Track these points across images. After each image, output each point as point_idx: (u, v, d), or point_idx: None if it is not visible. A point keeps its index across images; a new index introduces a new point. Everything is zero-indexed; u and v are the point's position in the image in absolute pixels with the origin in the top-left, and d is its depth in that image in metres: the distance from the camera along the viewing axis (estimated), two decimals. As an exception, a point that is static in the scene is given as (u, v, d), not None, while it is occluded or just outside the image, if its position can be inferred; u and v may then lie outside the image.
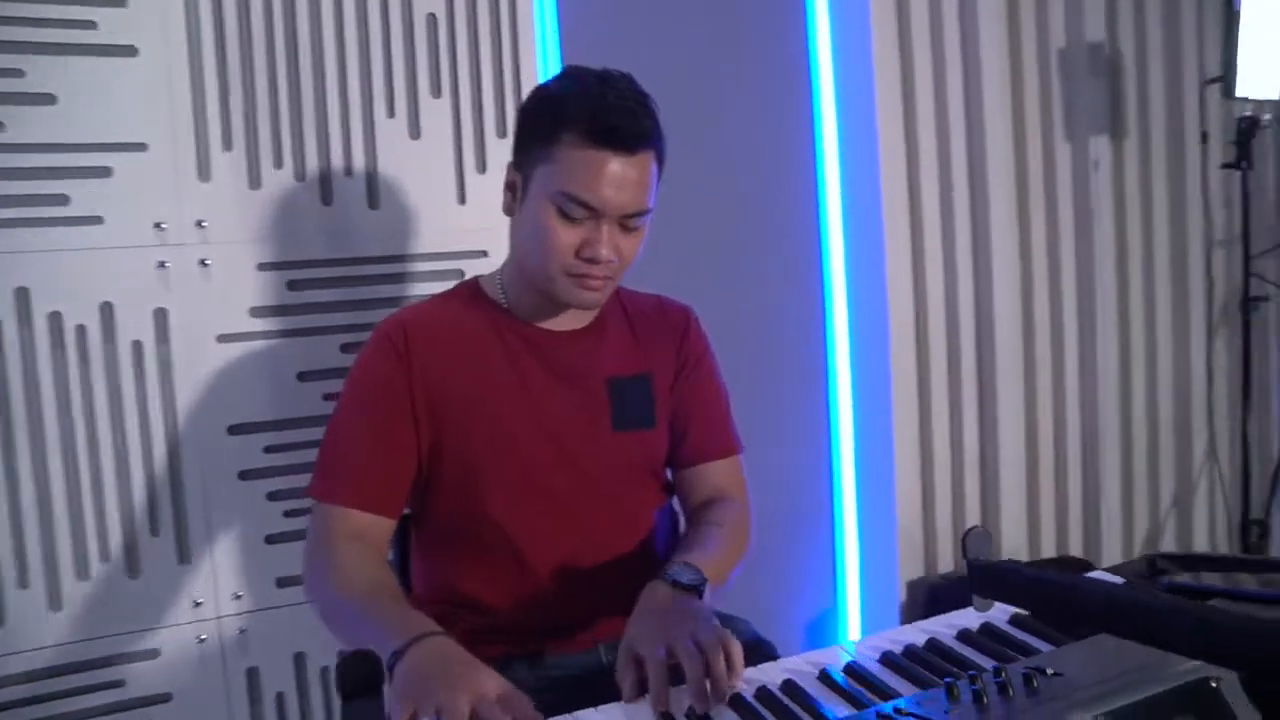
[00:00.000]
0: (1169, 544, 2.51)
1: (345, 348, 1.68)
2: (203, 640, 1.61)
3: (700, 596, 1.08)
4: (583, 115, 1.12)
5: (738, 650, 0.95)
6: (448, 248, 1.76)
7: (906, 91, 2.13)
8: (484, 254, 1.78)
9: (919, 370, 2.19)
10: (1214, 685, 0.91)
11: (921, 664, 1.05)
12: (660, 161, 1.19)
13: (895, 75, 2.11)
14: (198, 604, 1.60)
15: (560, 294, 1.20)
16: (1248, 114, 2.28)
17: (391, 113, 1.71)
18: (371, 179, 1.70)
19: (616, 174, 1.13)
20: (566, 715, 0.96)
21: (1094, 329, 2.37)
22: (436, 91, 1.74)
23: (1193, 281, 2.52)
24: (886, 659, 1.07)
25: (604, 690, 0.99)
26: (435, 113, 1.74)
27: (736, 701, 0.94)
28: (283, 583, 1.66)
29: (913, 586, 2.17)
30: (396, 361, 1.21)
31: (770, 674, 1.03)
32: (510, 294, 1.28)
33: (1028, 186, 2.29)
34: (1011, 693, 0.89)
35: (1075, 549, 2.36)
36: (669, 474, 1.38)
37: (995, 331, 2.24)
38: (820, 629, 2.18)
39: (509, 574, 1.24)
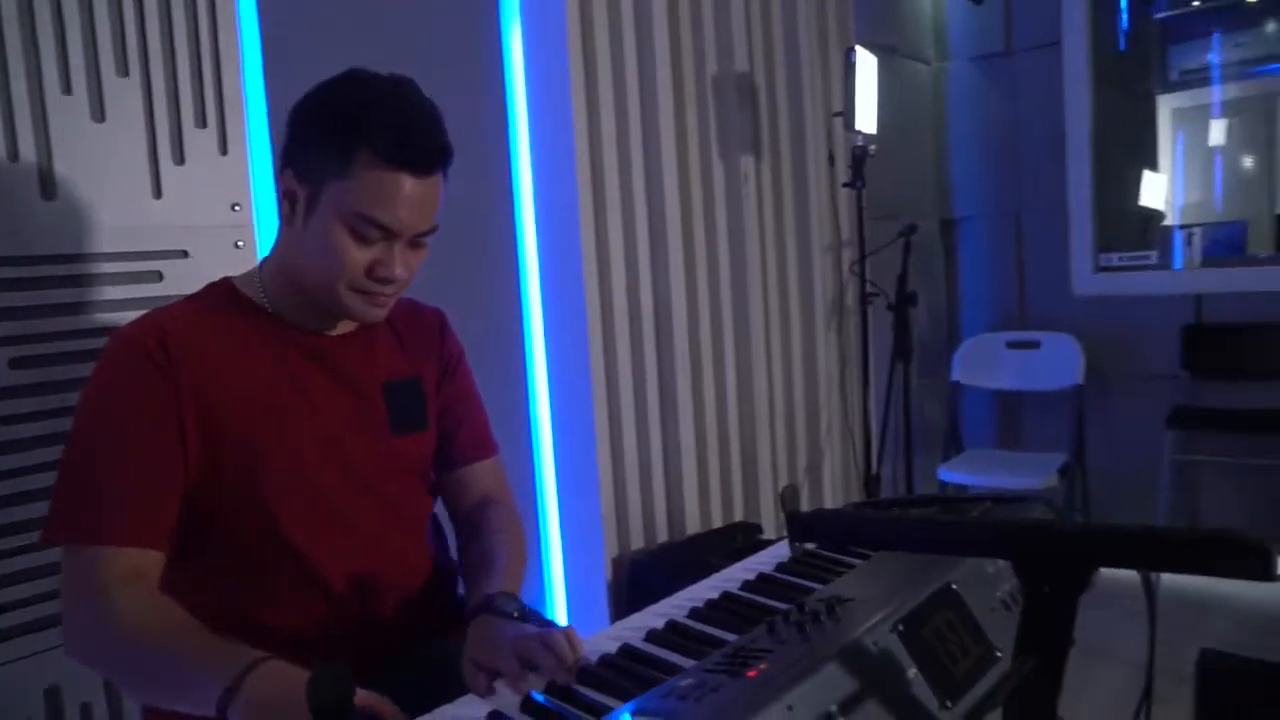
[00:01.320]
0: (806, 502, 2.98)
1: (15, 363, 1.47)
2: None
3: (527, 621, 1.11)
4: (384, 134, 1.10)
5: (578, 637, 1.02)
6: (140, 247, 1.60)
7: (592, 112, 2.31)
8: (185, 254, 1.65)
9: (608, 368, 2.38)
10: (954, 587, 1.18)
11: (730, 614, 1.21)
12: (447, 177, 1.20)
13: (583, 100, 2.29)
14: None
15: (345, 310, 1.19)
16: (860, 143, 2.78)
17: (68, 89, 1.52)
18: (44, 165, 1.50)
19: (414, 196, 1.13)
20: (426, 716, 0.99)
21: (747, 323, 2.74)
22: (123, 69, 1.58)
23: (816, 280, 3.00)
24: (695, 614, 1.22)
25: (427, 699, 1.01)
26: (122, 93, 1.58)
27: (589, 675, 1.02)
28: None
29: (615, 564, 2.36)
30: (157, 376, 1.11)
31: (601, 644, 1.13)
32: (275, 299, 1.23)
33: (691, 200, 2.58)
34: (822, 619, 1.08)
35: (739, 516, 2.71)
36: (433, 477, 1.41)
37: (672, 328, 2.50)
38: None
39: (303, 594, 1.19)
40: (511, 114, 2.29)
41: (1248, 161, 5.49)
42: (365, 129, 1.10)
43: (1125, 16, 4.87)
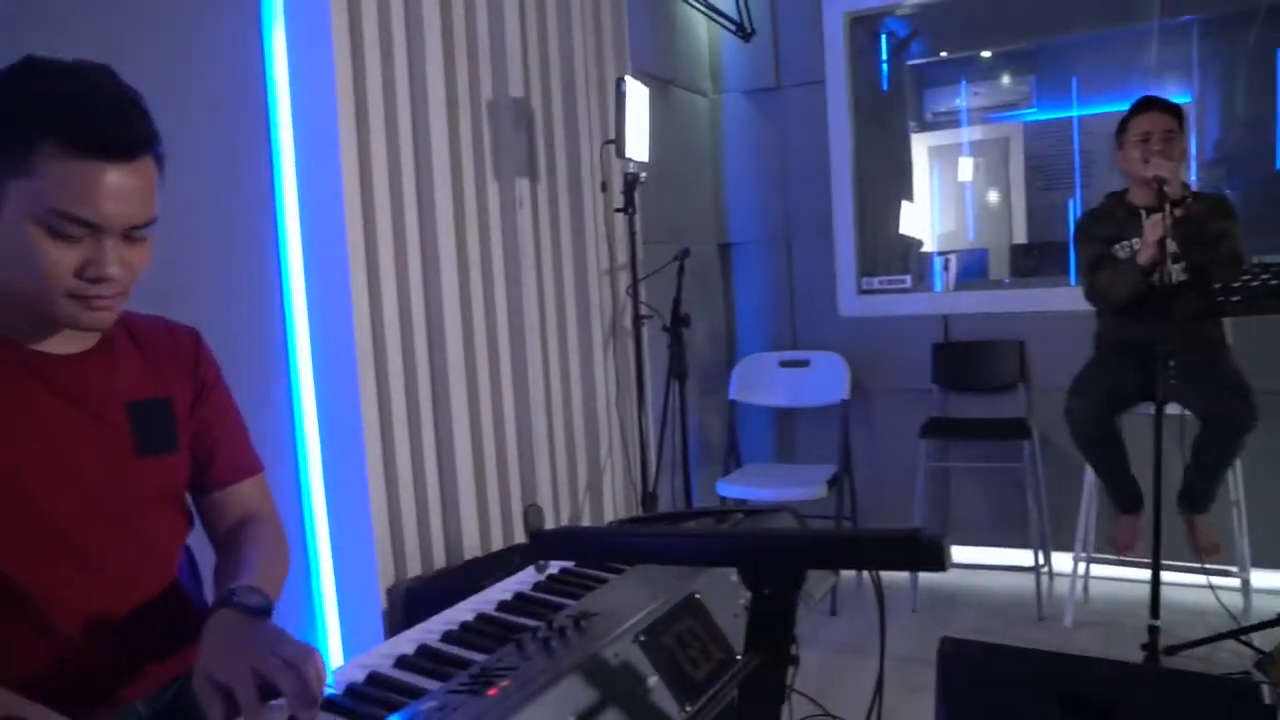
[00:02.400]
0: (587, 520, 3.02)
1: None
2: None
3: (269, 618, 1.08)
4: (65, 121, 1.02)
5: (321, 658, 0.98)
6: None
7: (361, 129, 2.27)
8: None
9: (379, 395, 2.33)
10: (697, 596, 1.24)
11: (483, 635, 1.22)
12: (160, 164, 1.13)
13: (351, 116, 2.24)
14: None
15: (64, 318, 1.12)
16: (631, 170, 2.87)
17: None
18: None
19: (118, 185, 1.05)
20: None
21: (524, 345, 2.76)
22: None
23: (595, 303, 3.07)
24: (448, 637, 1.22)
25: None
26: None
27: (334, 706, 1.01)
28: None
29: (390, 593, 2.31)
30: None
31: (349, 673, 1.11)
32: None
33: (465, 220, 2.58)
34: (568, 634, 1.11)
35: (520, 538, 2.71)
36: (190, 502, 1.35)
37: (446, 353, 2.48)
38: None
39: (26, 635, 1.10)
40: (274, 124, 2.21)
41: (993, 196, 6.11)
42: (46, 119, 1.02)
43: (885, 61, 5.31)
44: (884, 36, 5.27)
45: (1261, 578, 3.02)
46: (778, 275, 4.16)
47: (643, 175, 2.89)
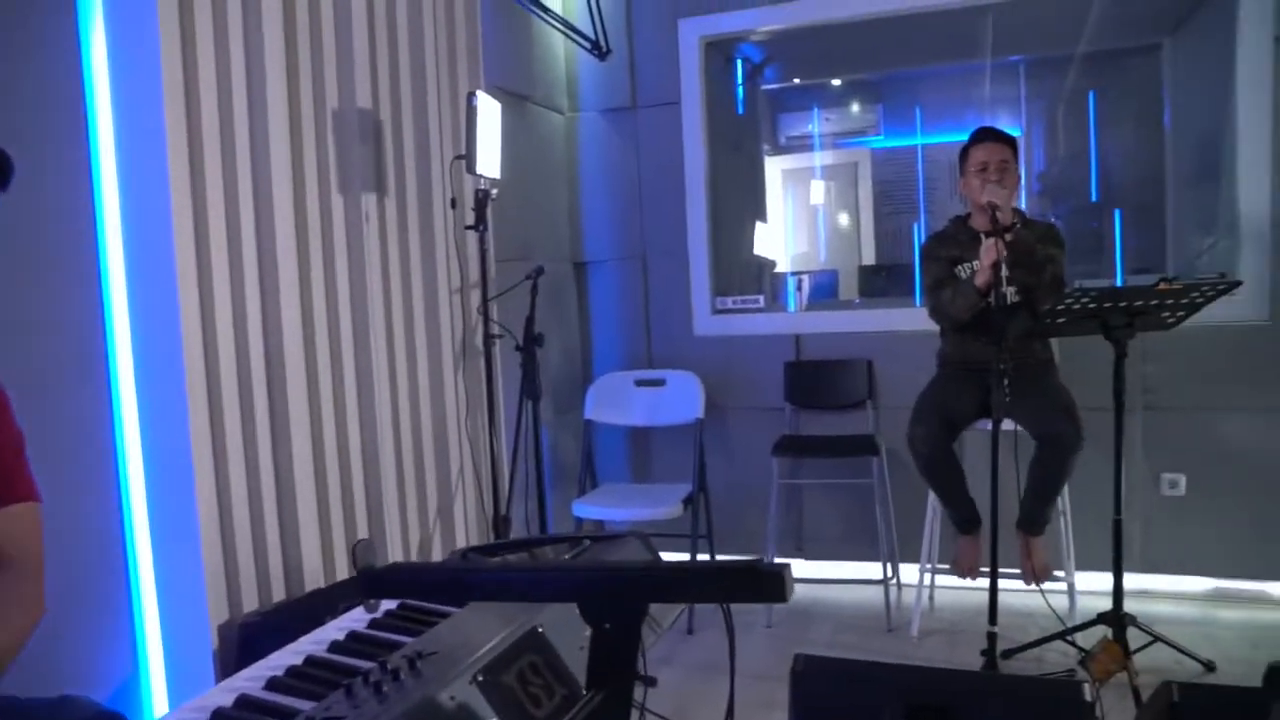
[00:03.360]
0: (438, 545, 2.93)
1: None
2: None
3: None
4: None
5: None
6: None
7: (193, 139, 2.14)
8: None
9: (211, 412, 2.19)
10: (540, 631, 1.20)
11: (312, 680, 1.15)
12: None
13: (181, 118, 2.11)
14: None
15: None
16: (483, 187, 2.81)
17: None
18: None
19: None
20: None
21: (370, 365, 2.66)
22: None
23: (443, 322, 2.99)
24: (273, 684, 1.14)
25: None
26: None
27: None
28: None
29: (223, 630, 2.16)
30: None
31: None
32: None
33: (308, 235, 2.47)
34: (403, 677, 1.05)
35: (365, 566, 2.60)
36: None
37: (285, 370, 2.36)
38: (123, 698, 2.03)
39: None
40: (92, 123, 2.05)
41: (843, 219, 6.34)
42: None
43: (741, 85, 5.44)
44: (740, 61, 5.39)
45: (1084, 579, 3.21)
46: (633, 294, 4.18)
47: (494, 192, 2.84)
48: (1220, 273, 3.53)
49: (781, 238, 6.21)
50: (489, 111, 2.77)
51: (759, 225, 5.36)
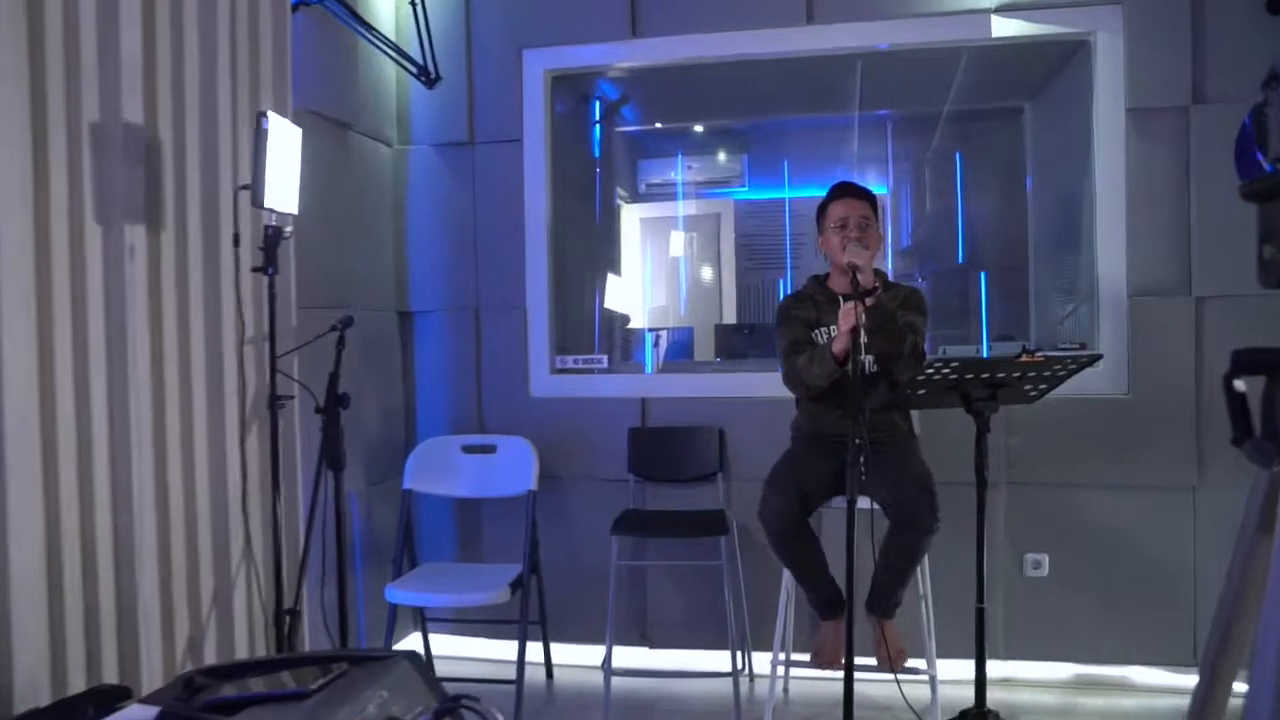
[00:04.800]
0: (211, 645, 2.62)
1: None
2: None
3: None
4: None
5: None
6: None
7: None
8: None
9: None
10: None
11: None
12: None
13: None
14: None
15: None
16: (274, 223, 2.58)
17: None
18: None
19: None
20: None
21: (129, 435, 2.35)
22: None
23: (228, 379, 2.71)
24: None
25: None
26: None
27: None
28: None
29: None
30: None
31: None
32: None
33: (50, 273, 2.18)
34: None
35: (110, 673, 2.28)
36: None
37: (5, 444, 2.05)
38: None
39: None
40: None
41: (705, 273, 6.32)
42: None
43: (597, 125, 5.37)
44: (597, 101, 5.33)
45: (946, 667, 3.16)
46: (464, 349, 3.99)
47: (287, 229, 2.60)
48: (1080, 342, 3.62)
49: (639, 291, 6.14)
50: (284, 137, 2.54)
51: (611, 278, 5.27)
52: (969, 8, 3.58)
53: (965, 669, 2.85)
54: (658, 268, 6.31)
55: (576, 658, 3.80)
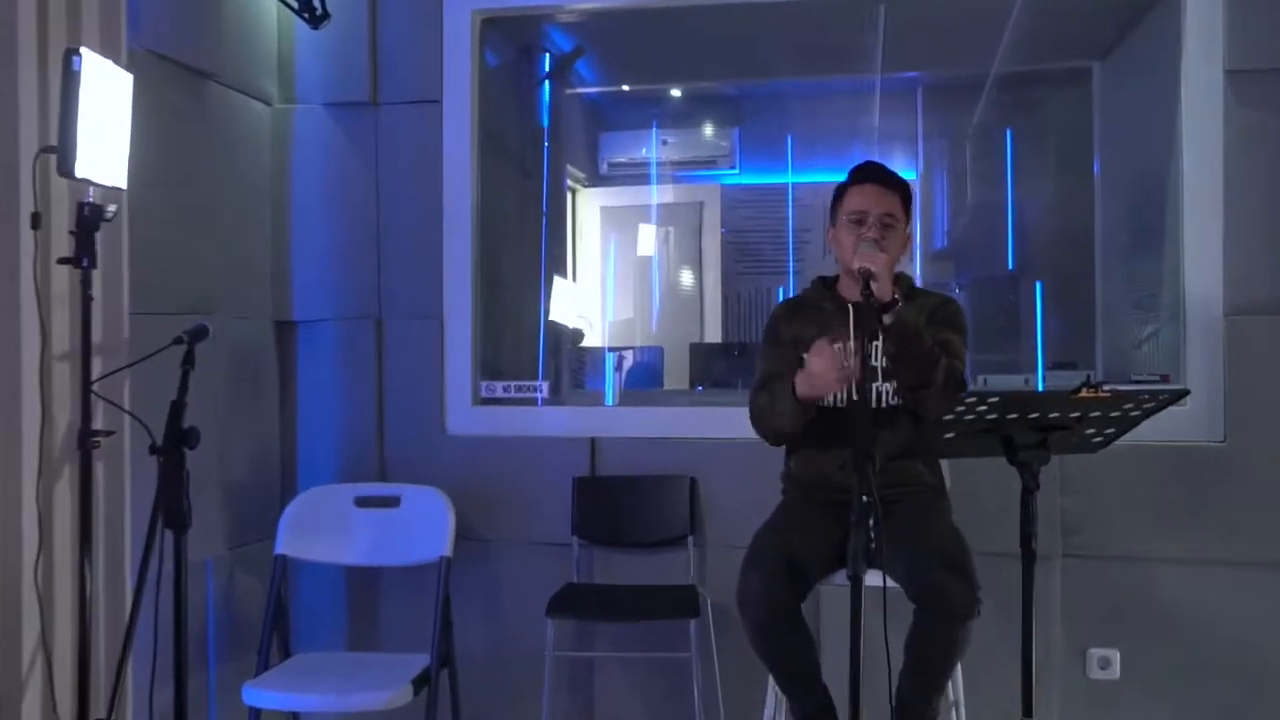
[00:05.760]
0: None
1: None
2: None
3: None
4: None
5: None
6: None
7: None
8: None
9: None
10: None
11: None
12: None
13: None
14: None
15: None
16: (91, 199, 2.46)
17: None
18: None
19: None
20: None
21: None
22: None
23: (25, 408, 2.59)
24: None
25: None
26: None
27: None
28: None
29: None
30: None
31: None
32: None
33: None
34: None
35: None
36: None
37: None
38: None
39: None
40: None
41: (684, 277, 6.26)
42: None
43: (545, 86, 5.28)
44: (546, 55, 5.26)
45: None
46: (361, 371, 3.92)
47: (111, 208, 2.48)
48: (1161, 374, 3.54)
49: (597, 299, 6.08)
50: (107, 84, 2.43)
51: (560, 282, 5.21)
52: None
53: (1008, 802, 2.76)
54: (622, 270, 6.27)
55: (502, 778, 3.74)
